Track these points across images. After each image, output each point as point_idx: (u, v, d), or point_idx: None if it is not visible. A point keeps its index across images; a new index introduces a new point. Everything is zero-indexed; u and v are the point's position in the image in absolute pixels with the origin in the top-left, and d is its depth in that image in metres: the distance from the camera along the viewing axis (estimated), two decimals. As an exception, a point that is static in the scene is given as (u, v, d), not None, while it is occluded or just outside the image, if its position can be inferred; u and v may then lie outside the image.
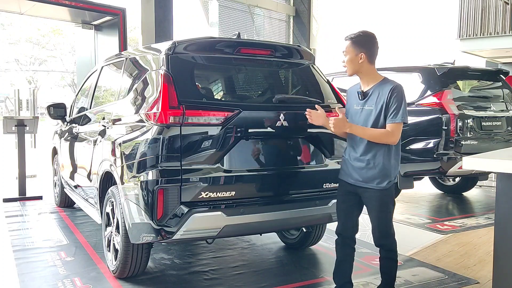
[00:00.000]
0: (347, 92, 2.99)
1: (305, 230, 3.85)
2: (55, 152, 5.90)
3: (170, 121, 2.86)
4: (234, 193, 3.02)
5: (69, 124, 5.21)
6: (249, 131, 3.07)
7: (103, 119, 3.84)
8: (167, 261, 3.81)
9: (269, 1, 12.21)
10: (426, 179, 7.16)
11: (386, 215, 2.79)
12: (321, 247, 4.19)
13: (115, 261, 3.37)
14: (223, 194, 2.98)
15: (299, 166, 3.32)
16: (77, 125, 4.78)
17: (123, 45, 8.34)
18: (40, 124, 7.17)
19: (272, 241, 4.34)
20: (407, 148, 5.55)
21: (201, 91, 3.30)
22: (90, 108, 4.64)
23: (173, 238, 2.89)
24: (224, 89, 3.69)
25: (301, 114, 3.06)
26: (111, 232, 3.47)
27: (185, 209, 2.86)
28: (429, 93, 5.69)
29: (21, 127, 6.46)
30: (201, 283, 3.38)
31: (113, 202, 3.38)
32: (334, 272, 3.00)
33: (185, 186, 2.87)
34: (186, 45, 3.18)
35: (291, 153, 3.36)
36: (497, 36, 11.92)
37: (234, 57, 3.32)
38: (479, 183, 7.14)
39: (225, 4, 11.45)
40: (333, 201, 3.25)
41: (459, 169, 5.41)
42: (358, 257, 3.35)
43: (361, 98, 2.80)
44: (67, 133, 5.17)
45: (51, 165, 6.17)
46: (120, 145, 3.29)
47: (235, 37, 3.44)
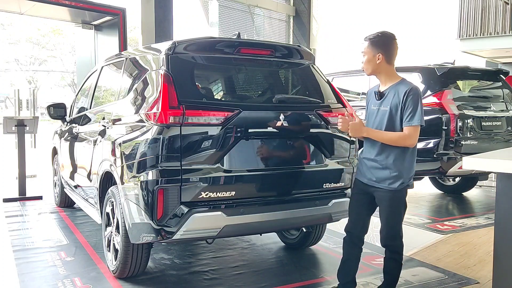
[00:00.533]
0: (367, 93, 3.00)
1: (305, 230, 3.85)
2: (55, 152, 5.90)
3: (170, 121, 2.86)
4: (234, 193, 3.02)
5: (69, 124, 5.21)
6: (249, 131, 3.07)
7: (103, 119, 3.84)
8: (167, 261, 3.81)
9: (269, 1, 12.21)
10: (426, 179, 7.15)
11: (395, 216, 2.78)
12: (321, 247, 4.18)
13: (115, 261, 3.37)
14: (223, 194, 2.98)
15: (299, 166, 3.32)
16: (77, 125, 4.78)
17: (123, 45, 8.35)
18: (40, 124, 7.18)
19: (272, 241, 4.34)
20: (407, 148, 5.54)
21: (201, 91, 3.30)
22: (90, 108, 4.64)
23: (173, 238, 2.89)
24: (224, 89, 3.69)
25: (301, 114, 3.05)
26: (111, 232, 3.47)
27: (185, 209, 2.86)
28: (429, 93, 5.68)
29: (21, 127, 6.46)
30: (201, 283, 3.38)
31: (113, 202, 3.38)
32: (338, 270, 3.01)
33: (185, 186, 2.87)
34: (186, 45, 3.18)
35: (291, 153, 3.36)
36: (497, 36, 11.92)
37: (234, 57, 3.32)
38: (479, 183, 7.13)
39: (225, 4, 11.45)
40: (333, 201, 3.25)
41: (459, 169, 5.41)
42: (358, 257, 3.35)
43: (377, 98, 2.80)
44: (67, 133, 5.17)
45: (51, 165, 6.17)
46: (120, 145, 3.29)
47: (235, 37, 3.43)
